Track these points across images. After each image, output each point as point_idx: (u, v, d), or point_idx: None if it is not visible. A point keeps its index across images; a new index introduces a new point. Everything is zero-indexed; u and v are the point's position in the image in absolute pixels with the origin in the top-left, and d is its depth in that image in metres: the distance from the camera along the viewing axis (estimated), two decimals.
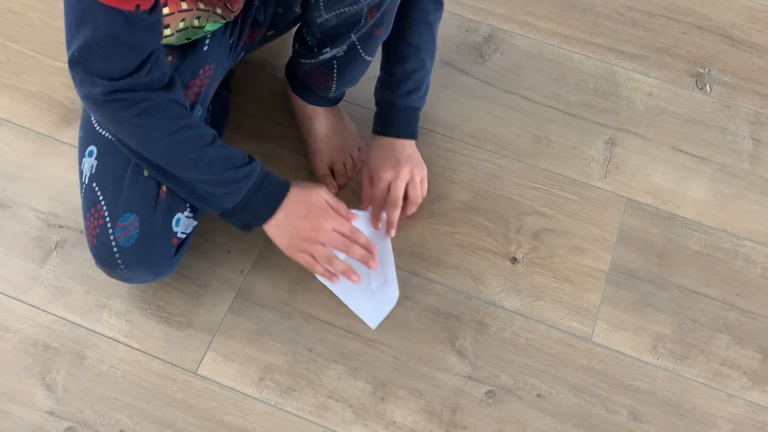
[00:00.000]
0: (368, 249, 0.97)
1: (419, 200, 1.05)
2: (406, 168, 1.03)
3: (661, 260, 1.08)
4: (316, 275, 0.98)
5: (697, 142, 1.19)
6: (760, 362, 1.01)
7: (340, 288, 0.99)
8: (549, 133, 1.18)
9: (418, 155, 1.05)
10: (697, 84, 1.25)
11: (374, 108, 1.07)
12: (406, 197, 1.04)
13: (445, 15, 1.29)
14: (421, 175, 1.04)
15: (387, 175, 1.02)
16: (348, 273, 0.96)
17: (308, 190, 0.96)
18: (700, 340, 1.02)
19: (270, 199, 0.93)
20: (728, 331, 1.03)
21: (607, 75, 1.25)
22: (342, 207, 0.98)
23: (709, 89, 1.25)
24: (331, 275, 0.97)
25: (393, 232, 1.03)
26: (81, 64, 0.78)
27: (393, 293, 1.01)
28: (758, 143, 1.20)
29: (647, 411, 0.96)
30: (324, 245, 0.95)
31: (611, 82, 1.24)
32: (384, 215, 1.04)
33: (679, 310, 1.04)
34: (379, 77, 1.06)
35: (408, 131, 1.05)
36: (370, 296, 1.00)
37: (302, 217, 0.94)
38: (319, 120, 1.11)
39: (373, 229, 1.03)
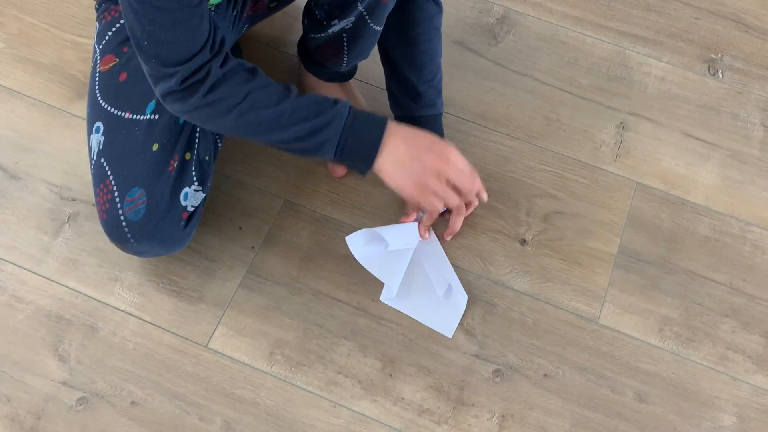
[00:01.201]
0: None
1: (476, 201, 1.02)
2: None
3: (669, 244, 1.08)
4: (382, 299, 0.99)
5: (708, 128, 1.19)
6: (765, 347, 1.02)
7: (406, 305, 1.00)
8: (561, 115, 1.18)
9: None
10: (709, 70, 1.25)
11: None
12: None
13: None
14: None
15: None
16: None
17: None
18: (707, 324, 1.03)
19: (370, 134, 0.83)
20: (734, 316, 1.04)
21: (620, 59, 1.25)
22: None
23: (721, 75, 1.25)
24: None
25: (427, 235, 1.02)
26: (155, 56, 0.78)
27: (461, 297, 1.01)
28: None
29: (652, 393, 0.98)
30: (449, 181, 0.87)
31: (624, 66, 1.24)
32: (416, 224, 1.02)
33: (686, 294, 1.05)
34: (390, 90, 1.06)
35: (440, 133, 1.05)
36: (439, 306, 1.00)
37: (428, 150, 0.84)
38: None
39: (421, 239, 1.03)
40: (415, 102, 1.04)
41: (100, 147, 0.92)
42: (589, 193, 1.12)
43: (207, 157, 0.95)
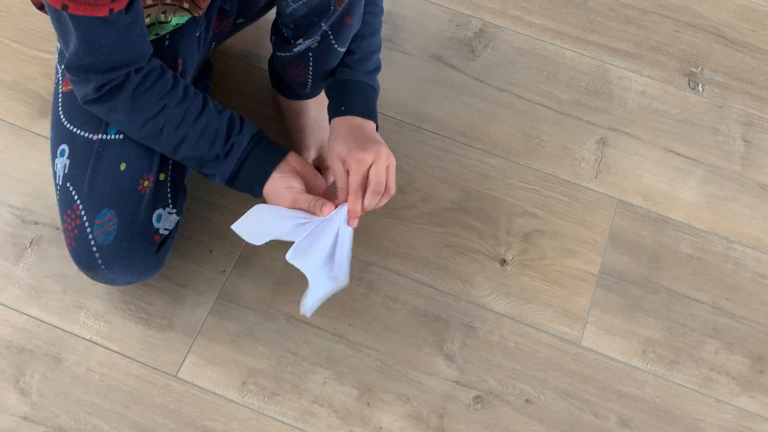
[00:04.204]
0: None
1: (394, 190, 0.88)
2: (384, 148, 0.86)
3: (651, 263, 1.06)
4: (287, 257, 0.85)
5: (689, 143, 1.17)
6: (749, 368, 1.00)
7: (305, 263, 0.85)
8: (540, 131, 1.16)
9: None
10: (689, 83, 1.24)
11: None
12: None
13: (435, 8, 1.27)
14: (393, 160, 0.88)
15: (368, 158, 0.85)
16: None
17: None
18: (690, 344, 1.01)
19: (263, 166, 0.87)
20: (718, 336, 1.02)
21: (600, 73, 1.23)
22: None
23: (701, 89, 1.23)
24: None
25: (356, 222, 0.86)
26: (74, 67, 0.81)
27: (342, 279, 0.85)
28: (749, 145, 1.18)
29: (636, 417, 0.95)
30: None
31: (603, 80, 1.22)
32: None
33: (668, 314, 1.03)
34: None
35: (375, 114, 0.93)
36: (321, 277, 0.85)
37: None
38: (306, 115, 1.08)
39: (340, 221, 0.85)
40: (355, 67, 0.93)
41: (66, 171, 0.88)
42: (569, 211, 1.10)
43: (184, 180, 0.93)
